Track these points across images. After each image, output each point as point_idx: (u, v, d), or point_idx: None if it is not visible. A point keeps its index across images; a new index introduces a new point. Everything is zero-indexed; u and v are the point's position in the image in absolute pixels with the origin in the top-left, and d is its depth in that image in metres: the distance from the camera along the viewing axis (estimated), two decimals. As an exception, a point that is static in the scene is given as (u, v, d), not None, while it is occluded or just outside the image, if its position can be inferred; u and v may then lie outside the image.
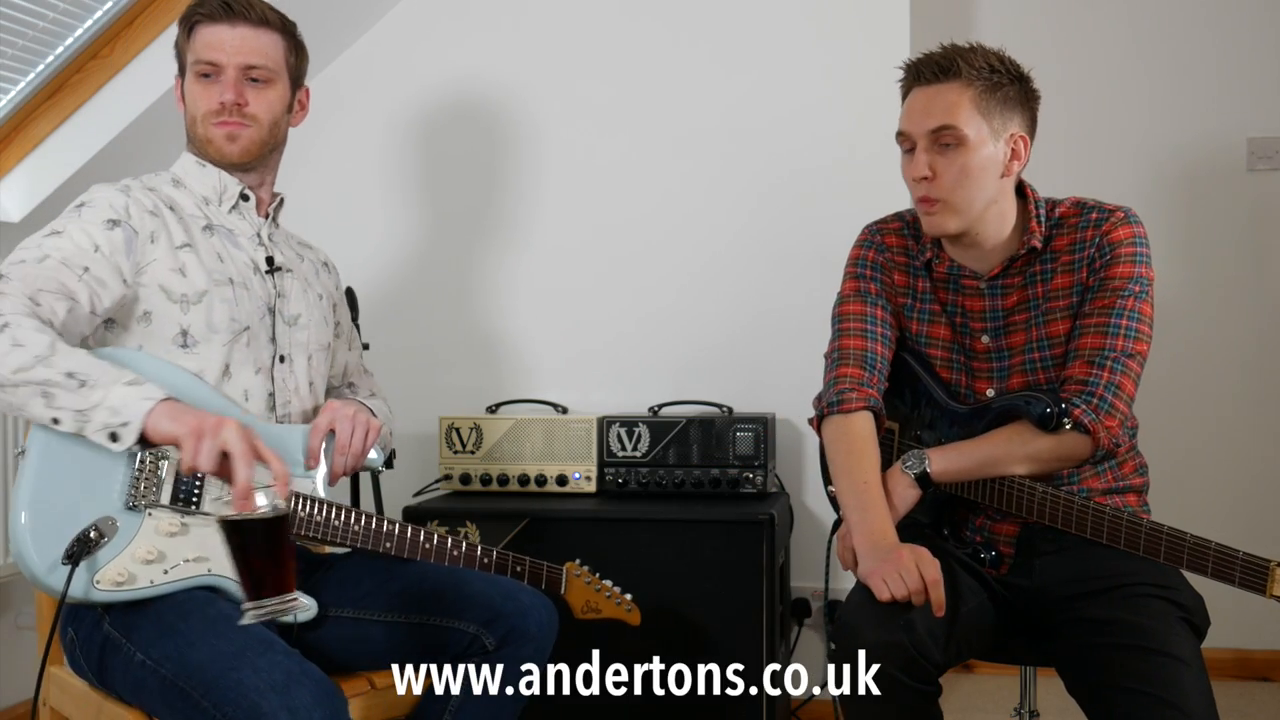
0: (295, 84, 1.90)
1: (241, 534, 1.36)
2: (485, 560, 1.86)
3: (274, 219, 1.91)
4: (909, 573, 1.61)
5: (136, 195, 1.73)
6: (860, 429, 1.83)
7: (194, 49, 1.79)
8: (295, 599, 1.39)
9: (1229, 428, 3.18)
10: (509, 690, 1.76)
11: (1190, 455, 3.14)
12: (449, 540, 1.84)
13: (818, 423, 1.91)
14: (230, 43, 1.78)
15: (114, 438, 1.49)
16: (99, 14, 2.53)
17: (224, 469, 1.46)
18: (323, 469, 1.79)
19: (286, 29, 1.86)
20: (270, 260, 1.85)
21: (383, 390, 2.14)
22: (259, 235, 1.86)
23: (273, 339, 1.83)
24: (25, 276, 1.56)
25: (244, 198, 1.84)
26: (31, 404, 1.49)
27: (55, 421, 1.50)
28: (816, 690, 2.84)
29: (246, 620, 1.37)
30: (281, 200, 1.92)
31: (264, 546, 1.37)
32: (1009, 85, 1.77)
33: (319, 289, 1.98)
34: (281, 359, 1.84)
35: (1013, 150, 1.79)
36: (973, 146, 1.75)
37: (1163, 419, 2.98)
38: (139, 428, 1.47)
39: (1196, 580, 1.78)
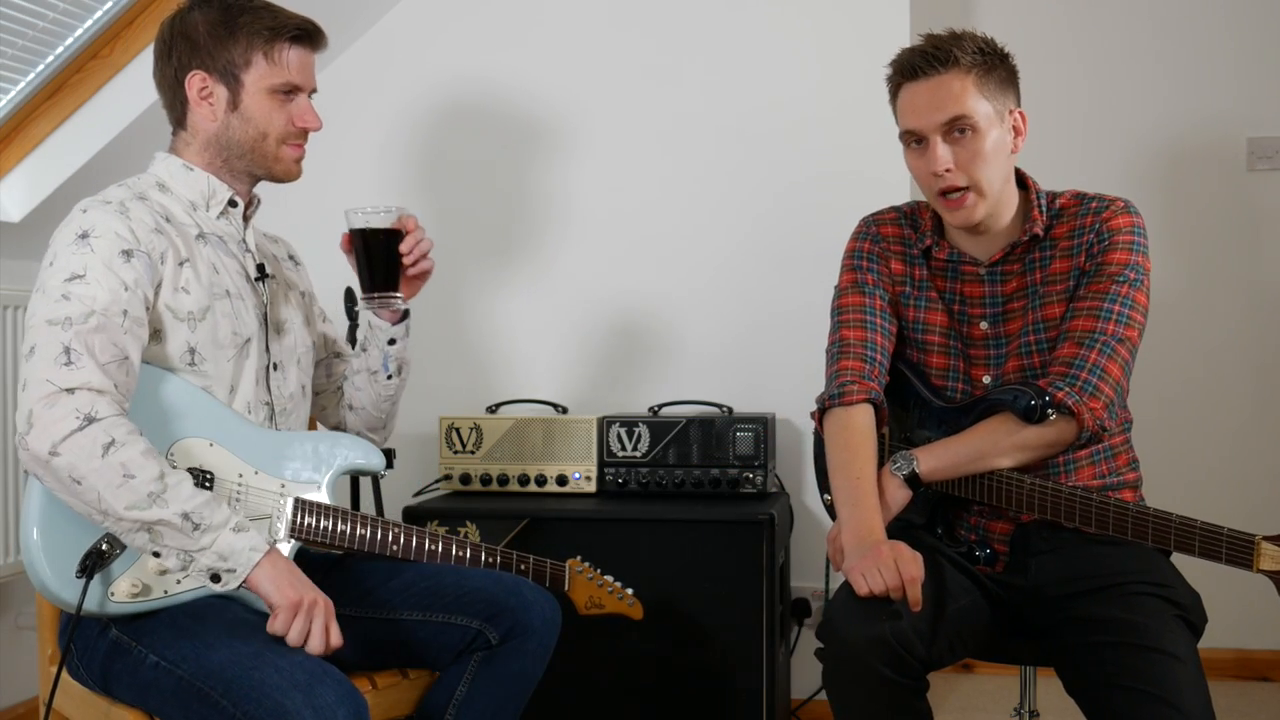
0: None
1: (366, 240, 1.84)
2: (490, 560, 1.87)
3: (250, 222, 1.89)
4: (887, 568, 1.62)
5: (136, 214, 1.68)
6: (859, 422, 1.83)
7: (280, 68, 1.77)
8: (401, 296, 1.89)
9: (1229, 427, 3.18)
10: (512, 686, 1.77)
11: (1188, 455, 3.14)
12: (453, 543, 1.85)
13: (819, 416, 1.91)
14: (309, 67, 1.83)
15: (215, 578, 1.57)
16: (99, 14, 2.53)
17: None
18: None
19: None
20: (261, 268, 1.84)
21: None
22: (244, 241, 1.85)
23: (266, 348, 1.82)
24: (89, 349, 1.55)
25: (232, 204, 1.82)
26: (134, 537, 1.55)
27: (155, 554, 1.56)
28: (816, 690, 2.84)
29: (361, 307, 1.88)
30: (259, 202, 1.90)
31: (383, 252, 1.84)
32: (999, 65, 1.81)
33: (297, 288, 1.97)
34: (275, 367, 1.83)
35: (1015, 127, 1.82)
36: (984, 131, 1.77)
37: (1161, 417, 2.99)
38: (243, 578, 1.57)
39: (1194, 574, 1.79)
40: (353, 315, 2.64)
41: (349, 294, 2.65)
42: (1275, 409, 3.16)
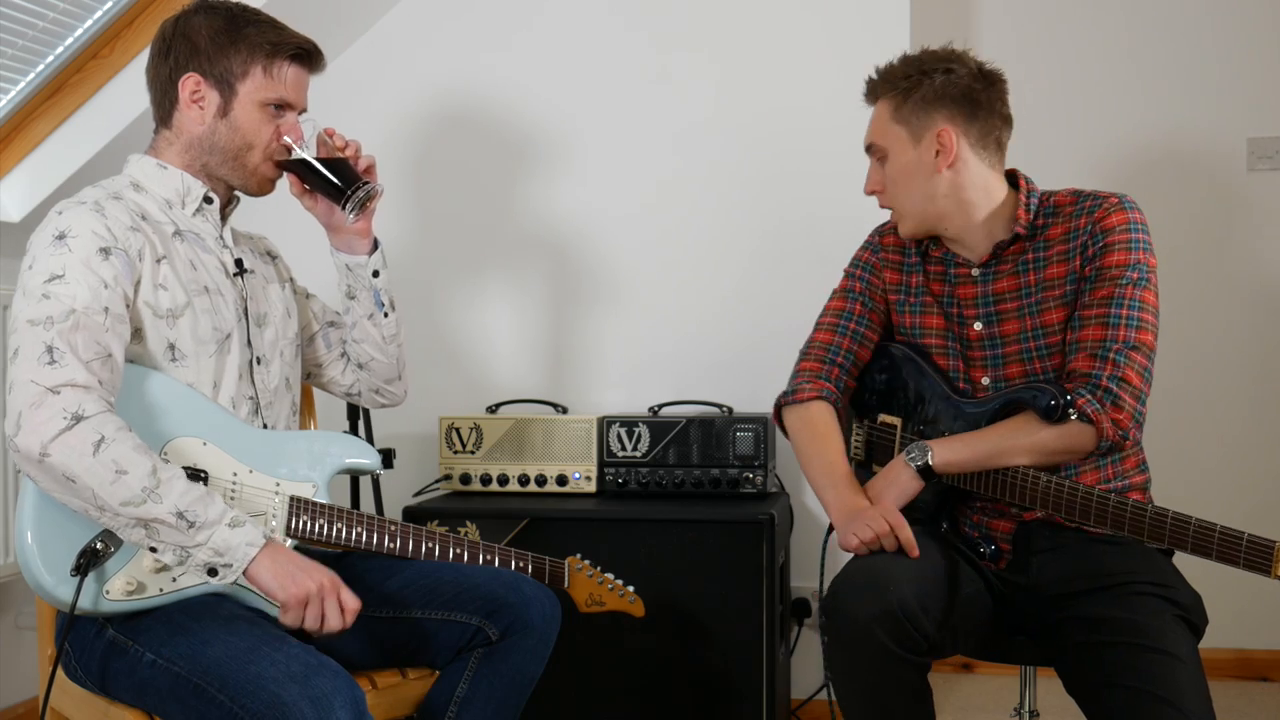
0: None
1: (316, 164, 1.82)
2: (488, 557, 1.86)
3: (229, 220, 1.88)
4: (875, 520, 1.72)
5: (112, 212, 1.68)
6: (818, 416, 1.94)
7: (277, 83, 1.78)
8: (371, 182, 1.85)
9: (1229, 428, 3.18)
10: (513, 683, 1.77)
11: (1189, 456, 3.14)
12: (451, 540, 1.85)
13: (777, 414, 2.01)
14: (304, 86, 1.84)
15: (212, 572, 1.57)
16: (99, 14, 2.53)
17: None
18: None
19: None
20: (239, 262, 1.84)
21: None
22: (222, 238, 1.84)
23: (248, 343, 1.82)
24: (71, 347, 1.55)
25: (208, 200, 1.82)
26: (130, 533, 1.54)
27: (153, 550, 1.55)
28: (816, 690, 2.84)
29: (351, 212, 1.82)
30: (238, 201, 1.90)
31: (334, 162, 1.83)
32: (926, 84, 1.84)
33: (276, 281, 1.96)
34: (258, 361, 1.83)
35: (939, 147, 1.84)
36: (895, 156, 1.87)
37: (1162, 418, 2.98)
38: (240, 571, 1.57)
39: (1195, 575, 1.78)
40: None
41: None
42: (1275, 409, 3.16)
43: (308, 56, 1.82)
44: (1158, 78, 3.21)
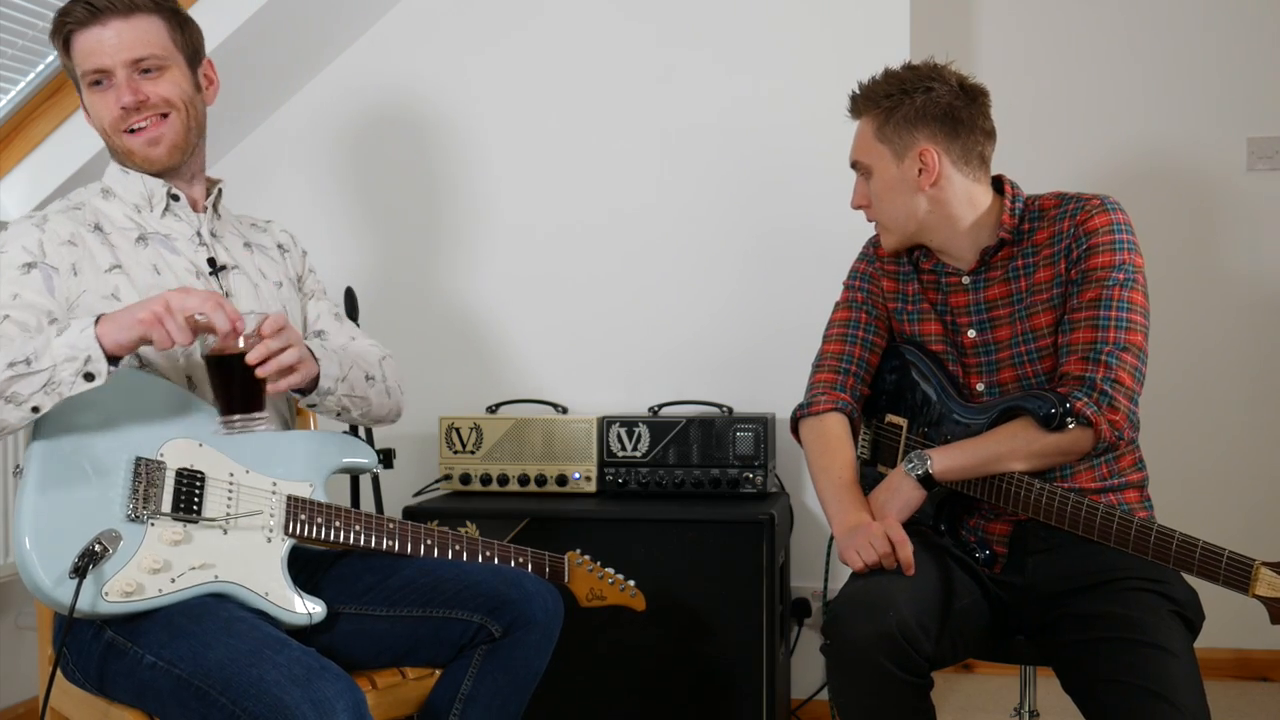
0: (193, 60, 1.80)
1: (224, 366, 1.59)
2: (487, 554, 1.86)
3: (214, 210, 1.85)
4: (877, 539, 1.72)
5: (53, 227, 1.68)
6: (832, 429, 1.94)
7: (76, 61, 1.72)
8: (266, 416, 1.62)
9: (1229, 429, 3.17)
10: (517, 679, 1.76)
11: (1190, 457, 3.14)
12: (450, 538, 1.84)
13: (794, 427, 2.01)
14: (109, 42, 1.70)
15: (89, 377, 1.51)
16: (99, 14, 2.53)
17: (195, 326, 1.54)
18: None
19: (159, 5, 1.75)
20: (212, 261, 1.81)
21: (378, 345, 2.03)
22: (199, 234, 1.81)
23: None
24: None
25: (174, 198, 1.79)
26: (6, 416, 1.51)
27: (35, 410, 1.51)
28: (816, 690, 2.84)
29: (222, 433, 1.60)
30: (220, 189, 1.86)
31: (241, 375, 1.58)
32: (907, 103, 1.84)
33: (275, 277, 1.92)
34: None
35: (921, 166, 1.84)
36: (878, 173, 1.88)
37: (1162, 420, 2.98)
38: (101, 353, 1.50)
39: (1191, 578, 1.78)
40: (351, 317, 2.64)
41: (348, 293, 2.66)
42: (1274, 409, 3.16)
43: (81, 22, 1.70)
44: (1158, 78, 3.20)
